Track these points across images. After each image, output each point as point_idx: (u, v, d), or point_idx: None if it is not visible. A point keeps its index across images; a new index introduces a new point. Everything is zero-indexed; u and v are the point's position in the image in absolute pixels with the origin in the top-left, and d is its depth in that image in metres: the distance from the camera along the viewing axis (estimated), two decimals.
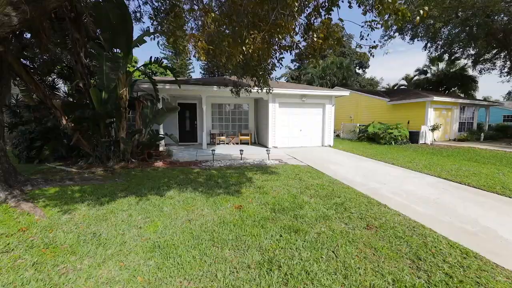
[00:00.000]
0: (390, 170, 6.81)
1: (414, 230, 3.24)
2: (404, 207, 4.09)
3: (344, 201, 4.21)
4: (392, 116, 15.25)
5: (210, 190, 4.65)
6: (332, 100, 11.35)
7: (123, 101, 6.48)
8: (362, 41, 3.90)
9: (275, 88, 10.34)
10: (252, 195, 4.40)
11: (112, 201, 4.01)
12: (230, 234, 3.02)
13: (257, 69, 5.58)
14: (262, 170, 6.30)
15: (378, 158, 8.49)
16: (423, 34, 17.69)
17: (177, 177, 5.49)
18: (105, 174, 5.80)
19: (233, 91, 7.33)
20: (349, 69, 27.16)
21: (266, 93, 7.30)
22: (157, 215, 3.54)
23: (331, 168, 6.88)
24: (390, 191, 4.93)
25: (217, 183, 5.07)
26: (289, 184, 5.16)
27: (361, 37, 3.85)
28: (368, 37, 3.81)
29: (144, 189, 4.65)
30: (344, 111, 19.57)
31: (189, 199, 4.15)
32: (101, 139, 6.79)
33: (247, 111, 12.83)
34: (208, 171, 6.17)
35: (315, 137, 11.50)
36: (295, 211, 3.73)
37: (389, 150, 10.38)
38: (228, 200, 4.13)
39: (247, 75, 6.12)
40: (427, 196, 4.68)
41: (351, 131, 16.02)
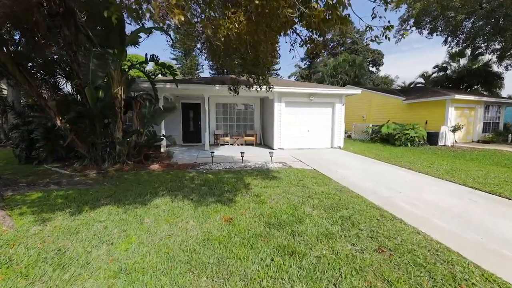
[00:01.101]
0: (406, 176, 6.12)
1: (437, 255, 2.65)
2: (423, 222, 3.48)
3: (352, 214, 3.64)
4: (408, 116, 14.29)
5: (201, 198, 4.21)
6: (342, 99, 10.66)
7: (118, 100, 6.19)
8: (374, 21, 3.27)
9: (280, 87, 9.84)
10: (247, 205, 3.92)
11: (92, 210, 3.66)
12: (212, 255, 2.56)
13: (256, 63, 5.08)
14: (263, 175, 5.81)
15: (392, 162, 7.77)
16: (443, 28, 16.54)
17: (169, 182, 5.11)
18: (96, 177, 5.51)
19: (231, 89, 6.87)
20: (361, 67, 26.07)
21: (266, 91, 6.80)
22: (136, 228, 3.14)
23: (339, 173, 6.28)
24: (407, 201, 4.30)
25: (211, 190, 4.63)
26: (290, 191, 4.64)
27: (373, 16, 3.23)
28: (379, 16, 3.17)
29: (130, 195, 4.28)
30: (356, 110, 18.69)
31: (175, 209, 3.73)
32: (97, 140, 6.54)
33: (253, 111, 12.36)
34: (204, 175, 5.75)
35: (323, 138, 10.86)
36: (293, 226, 3.21)
37: (404, 153, 9.58)
38: (218, 211, 3.67)
39: (244, 72, 5.65)
40: (451, 208, 4.02)
41: (363, 132, 15.18)
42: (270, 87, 6.49)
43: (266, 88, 6.43)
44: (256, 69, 5.31)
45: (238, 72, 5.80)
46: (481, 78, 20.48)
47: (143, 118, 7.03)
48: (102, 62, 4.53)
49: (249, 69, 5.33)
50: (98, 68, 4.43)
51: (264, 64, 5.28)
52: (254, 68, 5.30)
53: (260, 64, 5.21)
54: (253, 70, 5.34)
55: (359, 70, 25.58)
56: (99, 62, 4.45)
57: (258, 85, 6.11)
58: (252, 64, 5.09)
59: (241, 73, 5.86)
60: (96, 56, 4.52)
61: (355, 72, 25.37)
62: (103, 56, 4.59)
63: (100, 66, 4.48)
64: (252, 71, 5.38)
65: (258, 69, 5.42)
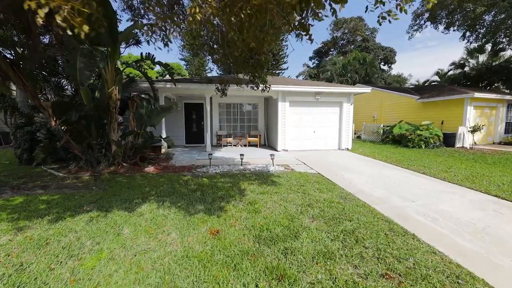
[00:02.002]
0: (420, 182, 5.56)
1: (458, 283, 2.19)
2: (441, 239, 2.99)
3: (357, 227, 3.20)
4: (422, 115, 13.49)
5: (190, 205, 3.88)
6: (351, 98, 10.10)
7: (112, 100, 5.98)
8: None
9: (284, 86, 9.42)
10: (238, 214, 3.55)
11: (71, 217, 3.40)
12: (187, 278, 2.20)
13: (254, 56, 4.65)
14: (261, 179, 5.42)
15: (404, 165, 7.18)
16: (461, 22, 15.55)
17: (161, 186, 4.81)
18: (88, 180, 5.31)
19: (219, 89, 6.47)
20: (372, 65, 25.14)
21: (263, 91, 6.35)
22: (111, 240, 2.83)
23: (345, 178, 5.80)
24: (421, 212, 3.80)
25: (202, 196, 4.29)
26: (289, 199, 4.23)
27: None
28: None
29: (116, 201, 4.01)
30: (366, 110, 17.96)
31: (159, 218, 3.41)
32: (92, 141, 6.37)
33: (257, 111, 11.99)
34: (199, 179, 5.43)
35: (330, 140, 10.33)
36: (287, 242, 2.81)
37: (418, 155, 8.92)
38: (206, 221, 3.32)
39: (235, 68, 5.26)
40: (473, 221, 3.49)
41: (374, 132, 14.47)
42: (267, 86, 6.05)
43: (263, 88, 6.00)
44: (249, 66, 4.92)
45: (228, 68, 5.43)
46: (502, 75, 19.17)
47: (140, 118, 6.81)
48: (89, 60, 4.28)
49: (242, 65, 4.93)
50: (85, 67, 4.18)
51: (258, 61, 4.87)
52: (248, 66, 4.91)
53: (254, 61, 4.80)
54: (248, 68, 4.95)
55: (370, 69, 24.68)
56: (86, 61, 4.21)
57: (254, 84, 5.71)
58: (244, 61, 4.69)
59: (236, 72, 5.48)
60: (84, 54, 4.28)
61: (365, 70, 24.50)
62: (91, 54, 4.34)
63: (88, 65, 4.23)
64: (247, 69, 4.99)
65: (254, 68, 5.01)
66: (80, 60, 4.21)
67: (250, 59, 4.66)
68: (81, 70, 4.22)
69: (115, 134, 6.25)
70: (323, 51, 36.44)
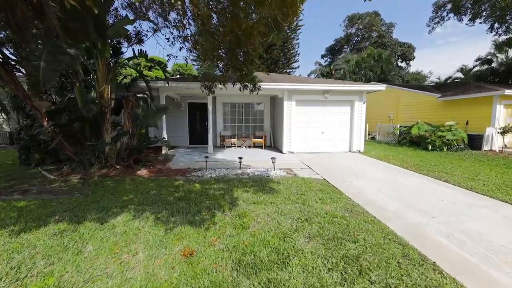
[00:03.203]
0: (442, 192, 4.81)
1: None
2: (470, 271, 2.36)
3: (362, 252, 2.61)
4: (443, 115, 12.37)
5: (171, 217, 3.44)
6: (363, 97, 9.32)
7: (104, 100, 5.70)
8: None
9: (289, 84, 8.83)
10: (222, 230, 3.06)
11: (37, 229, 3.06)
12: None
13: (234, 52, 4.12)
14: (258, 186, 4.90)
15: (423, 171, 6.38)
16: (489, 13, 14.16)
17: (147, 193, 4.43)
18: (75, 183, 5.04)
19: (206, 87, 5.99)
20: (389, 62, 23.81)
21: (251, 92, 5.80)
22: (68, 260, 2.44)
23: (353, 185, 5.15)
24: (443, 232, 3.13)
25: (188, 205, 3.84)
26: (285, 211, 3.68)
27: None
28: None
29: (94, 209, 3.65)
30: (381, 109, 16.92)
31: (132, 232, 3.00)
32: (86, 143, 6.14)
33: (262, 110, 11.46)
34: (191, 184, 5.00)
35: (340, 141, 9.60)
36: (272, 271, 2.28)
37: (439, 159, 8.02)
38: (182, 238, 2.86)
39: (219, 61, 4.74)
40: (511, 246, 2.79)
41: (389, 133, 13.48)
42: (256, 86, 5.51)
43: (251, 88, 5.49)
44: (235, 60, 4.40)
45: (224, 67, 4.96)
46: None
47: (135, 119, 6.51)
48: (56, 57, 3.90)
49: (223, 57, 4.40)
50: (50, 64, 3.79)
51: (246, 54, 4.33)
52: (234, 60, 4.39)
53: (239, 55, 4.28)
54: (233, 62, 4.44)
55: (386, 66, 23.39)
56: (51, 58, 3.81)
57: (244, 82, 5.19)
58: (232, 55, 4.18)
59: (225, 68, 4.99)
60: (51, 51, 3.88)
61: (381, 67, 23.24)
62: (60, 50, 3.95)
63: (54, 63, 3.84)
64: (232, 63, 4.48)
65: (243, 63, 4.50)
66: (45, 58, 3.83)
67: (235, 50, 4.15)
68: (45, 68, 3.82)
69: (108, 135, 5.97)
70: (336, 48, 35.22)
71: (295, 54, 28.46)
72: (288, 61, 28.11)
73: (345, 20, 34.59)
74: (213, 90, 5.98)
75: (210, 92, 5.98)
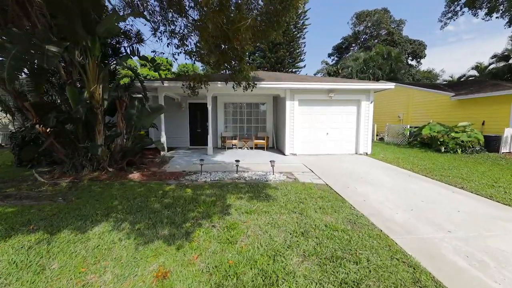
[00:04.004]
0: (458, 200, 4.32)
1: None
2: None
3: (364, 276, 2.22)
4: (457, 115, 11.69)
5: (153, 227, 3.13)
6: (370, 96, 8.82)
7: (95, 100, 5.48)
8: None
9: (291, 82, 8.44)
10: (206, 245, 2.73)
11: (6, 240, 2.80)
12: None
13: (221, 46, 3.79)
14: (254, 192, 4.54)
15: (436, 176, 5.87)
16: (507, 6, 13.32)
17: (133, 199, 4.14)
18: (62, 188, 4.82)
19: (189, 87, 5.67)
20: (398, 60, 22.97)
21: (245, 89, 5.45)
22: (26, 280, 2.16)
23: (359, 192, 4.73)
24: (461, 251, 2.70)
25: (174, 214, 3.52)
26: (279, 222, 3.32)
27: None
28: None
29: (72, 218, 3.38)
30: (390, 109, 16.27)
31: (106, 246, 2.70)
32: (78, 144, 5.94)
33: (265, 111, 11.08)
34: (182, 190, 4.69)
35: (346, 143, 9.13)
36: None
37: (453, 163, 7.45)
38: (159, 255, 2.54)
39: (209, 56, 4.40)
40: None
41: (399, 134, 12.86)
42: (250, 84, 5.15)
43: (244, 86, 5.14)
44: (225, 56, 4.07)
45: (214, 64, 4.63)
46: None
47: (129, 120, 6.27)
48: (25, 54, 3.59)
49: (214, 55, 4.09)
50: (18, 60, 3.49)
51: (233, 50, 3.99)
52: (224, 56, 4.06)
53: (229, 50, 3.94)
54: (223, 58, 4.11)
55: (395, 64, 22.58)
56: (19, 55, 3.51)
57: (236, 81, 4.86)
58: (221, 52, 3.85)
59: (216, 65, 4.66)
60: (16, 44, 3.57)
61: (390, 66, 22.45)
62: (34, 47, 3.65)
63: (20, 61, 3.53)
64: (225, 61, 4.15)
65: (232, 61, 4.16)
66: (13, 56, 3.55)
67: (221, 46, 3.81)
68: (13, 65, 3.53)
69: (101, 136, 5.75)
70: (343, 47, 34.42)
71: (301, 53, 27.93)
72: (294, 60, 27.62)
73: (353, 18, 33.77)
74: (197, 91, 5.67)
75: (193, 93, 5.69)
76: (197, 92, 5.74)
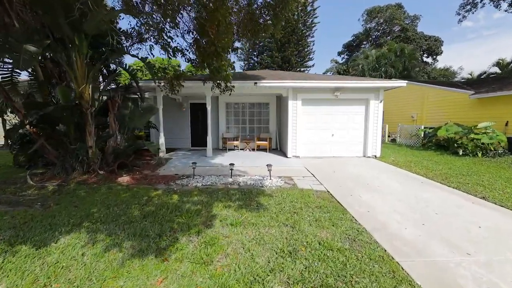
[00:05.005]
0: (480, 213, 3.74)
1: None
2: None
3: None
4: (477, 115, 10.79)
5: (125, 241, 2.80)
6: (380, 94, 8.21)
7: (85, 100, 5.27)
8: None
9: (294, 81, 7.99)
10: (175, 266, 2.36)
11: None
12: None
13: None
14: (246, 200, 4.15)
15: (453, 183, 5.25)
16: None
17: (115, 205, 3.86)
18: (50, 191, 4.62)
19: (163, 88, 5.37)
20: (412, 57, 21.85)
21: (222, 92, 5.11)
22: None
23: (363, 201, 4.23)
24: (484, 281, 2.20)
25: (152, 225, 3.19)
26: (266, 237, 2.91)
27: None
28: None
29: (41, 227, 3.12)
30: (402, 109, 15.41)
31: (65, 263, 2.39)
32: (70, 146, 5.77)
33: (268, 111, 10.66)
34: (169, 196, 4.37)
35: (353, 145, 8.56)
36: None
37: (473, 167, 6.74)
38: (120, 277, 2.20)
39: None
40: None
41: (412, 135, 12.07)
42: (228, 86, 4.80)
43: (221, 89, 4.81)
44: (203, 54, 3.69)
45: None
46: None
47: (122, 121, 6.04)
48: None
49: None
50: None
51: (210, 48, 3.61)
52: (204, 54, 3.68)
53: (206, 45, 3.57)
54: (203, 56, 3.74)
55: (409, 61, 21.50)
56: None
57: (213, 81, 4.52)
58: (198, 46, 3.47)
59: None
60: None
61: (403, 63, 21.39)
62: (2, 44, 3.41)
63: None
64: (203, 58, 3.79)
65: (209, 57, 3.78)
66: None
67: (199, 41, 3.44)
68: None
69: (92, 138, 5.55)
70: (354, 44, 33.34)
71: (310, 52, 27.27)
72: (302, 60, 27.00)
73: (364, 14, 32.67)
74: (177, 89, 5.39)
75: (172, 91, 5.44)
76: (178, 90, 5.51)
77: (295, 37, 25.39)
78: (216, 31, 3.02)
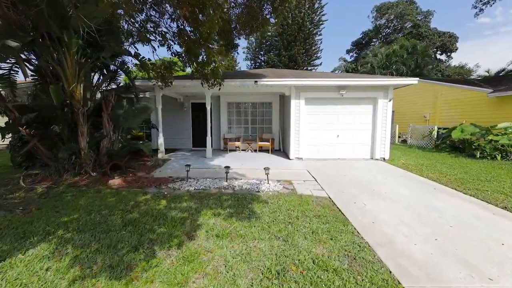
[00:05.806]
0: (502, 227, 3.28)
1: None
2: None
3: None
4: (496, 115, 10.06)
5: (97, 253, 2.55)
6: (389, 93, 7.71)
7: (75, 100, 5.10)
8: None
9: (296, 79, 7.61)
10: (144, 287, 2.08)
11: None
12: None
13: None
14: (238, 207, 3.83)
15: (470, 190, 4.75)
16: None
17: (97, 211, 3.63)
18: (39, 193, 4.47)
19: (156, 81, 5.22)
20: (425, 54, 20.93)
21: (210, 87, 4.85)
22: None
23: (367, 209, 3.83)
24: None
25: (131, 235, 2.92)
26: (253, 253, 2.58)
27: None
28: None
29: (13, 236, 2.90)
30: (414, 108, 14.71)
31: (25, 279, 2.15)
32: (63, 147, 5.63)
33: (271, 111, 10.31)
34: (157, 201, 4.11)
35: (360, 146, 8.09)
36: None
37: (492, 172, 6.16)
38: None
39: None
40: None
41: (425, 136, 11.42)
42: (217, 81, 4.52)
43: (208, 85, 4.55)
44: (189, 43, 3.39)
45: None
46: None
47: (117, 121, 5.86)
48: None
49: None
50: None
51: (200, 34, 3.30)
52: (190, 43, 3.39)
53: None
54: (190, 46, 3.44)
55: (421, 59, 20.60)
56: None
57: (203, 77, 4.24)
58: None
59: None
60: None
61: (416, 61, 20.51)
62: None
63: None
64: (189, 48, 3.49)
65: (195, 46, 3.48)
66: None
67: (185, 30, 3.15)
68: None
69: (84, 139, 5.38)
70: (363, 42, 32.41)
71: (317, 51, 26.71)
72: (309, 58, 26.45)
73: (373, 11, 31.70)
74: (170, 82, 5.22)
75: (164, 83, 5.32)
76: (171, 82, 5.37)
77: (302, 35, 24.89)
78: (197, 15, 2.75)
